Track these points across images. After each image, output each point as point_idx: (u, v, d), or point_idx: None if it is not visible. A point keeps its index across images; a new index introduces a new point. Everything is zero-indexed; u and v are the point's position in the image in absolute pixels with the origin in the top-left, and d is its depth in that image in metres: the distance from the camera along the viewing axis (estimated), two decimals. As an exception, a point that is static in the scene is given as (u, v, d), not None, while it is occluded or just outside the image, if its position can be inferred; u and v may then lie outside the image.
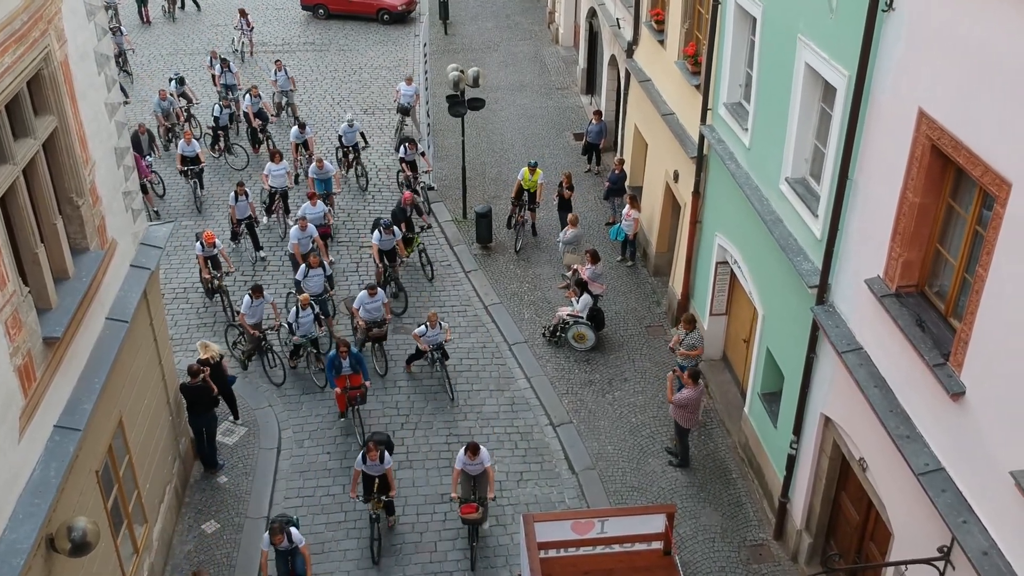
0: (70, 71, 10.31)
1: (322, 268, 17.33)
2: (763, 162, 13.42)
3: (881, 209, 9.97)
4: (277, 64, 25.82)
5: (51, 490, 9.06)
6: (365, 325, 16.59)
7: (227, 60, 26.31)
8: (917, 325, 9.43)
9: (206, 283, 18.39)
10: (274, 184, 20.65)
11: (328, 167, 20.73)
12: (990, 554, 8.19)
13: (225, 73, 25.99)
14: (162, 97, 24.02)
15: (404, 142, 21.60)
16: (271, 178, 20.67)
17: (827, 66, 11.02)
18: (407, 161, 21.48)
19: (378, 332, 16.75)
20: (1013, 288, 7.84)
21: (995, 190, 7.97)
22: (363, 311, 16.56)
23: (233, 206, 19.52)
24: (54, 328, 9.57)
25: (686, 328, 15.32)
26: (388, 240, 18.30)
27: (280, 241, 20.77)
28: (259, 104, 24.00)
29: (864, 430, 10.76)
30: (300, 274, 17.38)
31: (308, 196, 19.54)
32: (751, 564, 13.29)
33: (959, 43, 8.41)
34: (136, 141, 21.36)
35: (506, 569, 13.30)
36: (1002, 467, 8.00)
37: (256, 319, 16.55)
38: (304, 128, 22.49)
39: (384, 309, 16.71)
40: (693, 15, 16.67)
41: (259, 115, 24.00)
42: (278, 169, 20.69)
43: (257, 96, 23.89)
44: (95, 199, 10.99)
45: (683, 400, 14.14)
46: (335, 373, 15.11)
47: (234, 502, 14.28)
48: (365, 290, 16.49)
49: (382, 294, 16.66)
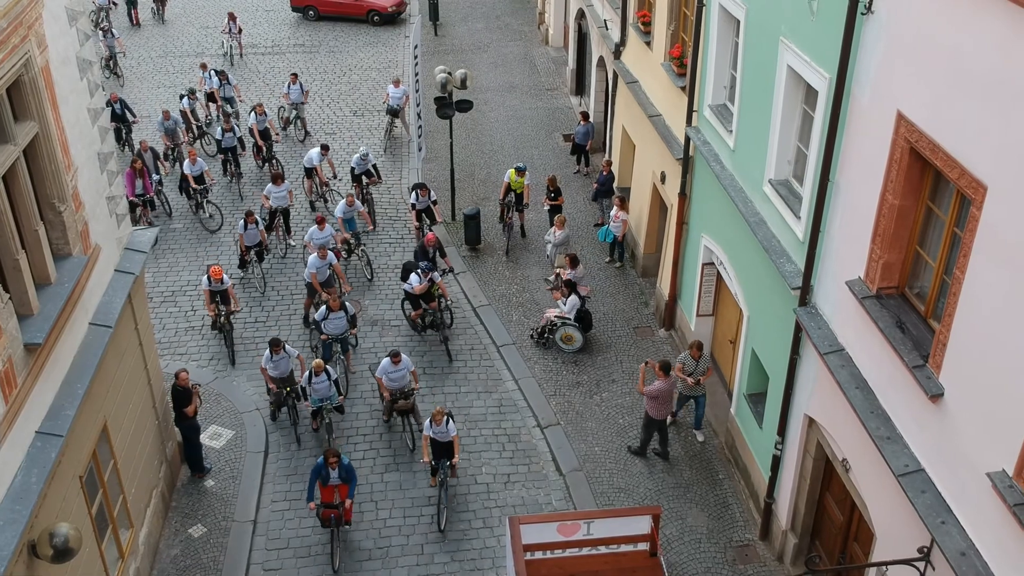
0: (51, 76, 10.29)
1: (343, 310, 16.21)
2: (747, 164, 13.46)
3: (861, 211, 10.01)
4: (292, 77, 24.99)
5: (33, 496, 9.04)
6: (389, 396, 15.06)
7: (225, 72, 25.62)
8: (897, 327, 9.48)
9: (213, 320, 17.48)
10: (274, 204, 19.98)
11: (358, 204, 19.73)
12: (968, 555, 8.24)
13: (224, 86, 25.24)
14: (165, 117, 23.01)
15: (416, 188, 20.17)
16: (272, 199, 19.96)
17: (808, 68, 11.05)
18: (419, 209, 20.12)
19: (404, 404, 15.06)
20: (989, 290, 7.89)
21: (971, 193, 8.02)
22: (386, 380, 14.99)
23: (242, 234, 18.71)
24: (35, 334, 9.56)
25: (695, 355, 14.71)
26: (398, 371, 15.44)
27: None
28: (264, 123, 23.15)
29: (846, 431, 10.80)
30: (319, 315, 16.28)
31: (317, 220, 18.50)
32: (737, 565, 13.33)
33: (936, 47, 8.46)
34: (139, 157, 21.01)
35: (493, 572, 13.32)
36: (979, 468, 8.05)
37: (280, 372, 15.27)
38: (326, 150, 21.52)
39: (411, 377, 15.14)
40: (679, 17, 16.71)
41: (263, 135, 23.15)
42: (279, 191, 19.98)
43: (263, 114, 23.02)
44: (78, 204, 10.98)
45: (655, 391, 14.25)
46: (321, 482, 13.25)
47: (221, 506, 14.27)
48: (388, 357, 14.89)
49: (407, 361, 15.04)
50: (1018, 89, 7.29)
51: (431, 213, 20.14)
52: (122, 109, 23.36)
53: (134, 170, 20.14)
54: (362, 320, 18.09)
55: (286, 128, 25.49)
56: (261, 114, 22.96)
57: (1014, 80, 7.33)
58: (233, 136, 22.61)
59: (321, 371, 14.70)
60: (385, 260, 20.29)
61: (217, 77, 25.20)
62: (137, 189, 20.20)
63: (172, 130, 23.16)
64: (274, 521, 14.04)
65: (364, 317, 18.32)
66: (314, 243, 18.16)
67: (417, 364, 17.00)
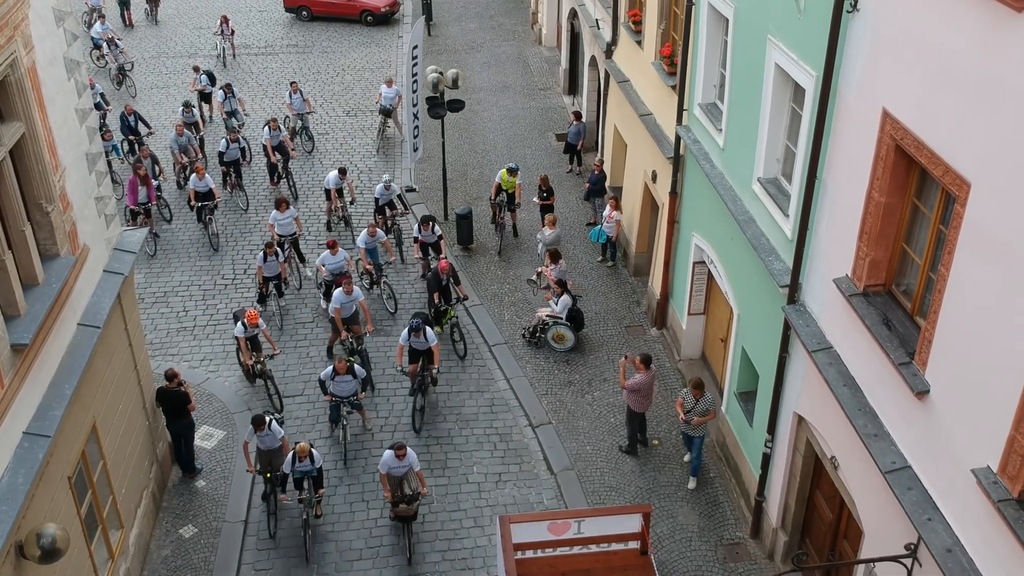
0: (38, 77, 10.29)
1: (351, 373, 14.62)
2: (736, 162, 13.48)
3: (848, 209, 10.03)
4: (292, 86, 24.51)
5: (20, 496, 9.04)
6: (391, 498, 13.30)
7: (230, 84, 24.77)
8: (884, 324, 9.50)
9: (246, 368, 16.26)
10: (281, 232, 18.88)
11: (380, 234, 18.59)
12: (954, 551, 8.25)
13: (228, 99, 24.37)
14: (179, 133, 22.37)
15: (421, 222, 18.88)
16: (277, 227, 18.88)
17: (796, 66, 11.07)
18: (427, 244, 18.91)
19: (405, 510, 13.20)
20: (973, 287, 7.90)
21: (955, 190, 8.04)
22: (390, 475, 13.43)
23: (261, 266, 17.63)
24: (22, 335, 9.56)
25: (695, 394, 13.85)
26: (420, 342, 15.31)
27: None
28: (279, 138, 22.24)
29: (835, 429, 10.82)
30: (325, 374, 14.73)
31: (328, 245, 17.54)
32: (728, 563, 13.35)
33: (921, 45, 8.48)
34: (138, 162, 20.69)
35: (483, 571, 13.33)
36: (964, 465, 8.07)
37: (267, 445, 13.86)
38: (344, 174, 20.42)
39: (418, 480, 13.38)
40: (669, 16, 16.73)
41: (279, 149, 22.25)
42: (284, 218, 18.89)
43: (277, 129, 22.16)
44: (65, 205, 10.97)
45: (635, 385, 14.29)
46: None
47: (212, 506, 14.26)
48: (391, 449, 13.26)
49: (413, 456, 13.31)
50: (1001, 87, 7.31)
51: (437, 248, 18.91)
52: (136, 121, 22.94)
53: (138, 177, 19.74)
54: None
55: (293, 139, 24.53)
56: (275, 129, 22.14)
57: (997, 78, 7.35)
58: (237, 148, 22.01)
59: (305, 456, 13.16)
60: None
61: (222, 91, 24.37)
62: (140, 197, 19.79)
63: (185, 146, 22.56)
64: (265, 521, 14.01)
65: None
66: (326, 268, 17.48)
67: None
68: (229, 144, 21.83)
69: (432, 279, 17.63)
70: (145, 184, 19.97)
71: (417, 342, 15.37)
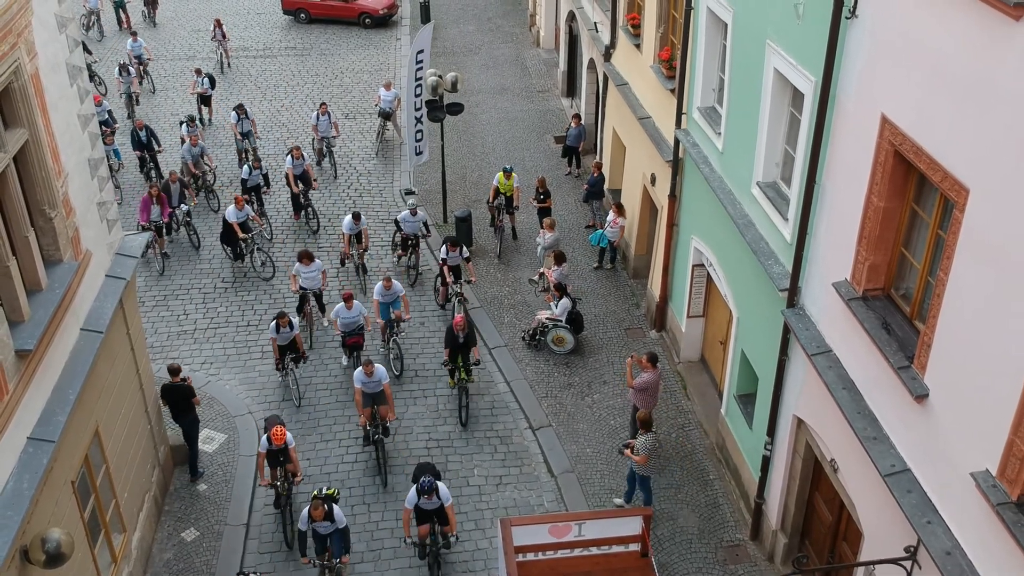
0: (41, 83, 10.33)
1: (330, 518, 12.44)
2: (735, 166, 13.54)
3: (847, 213, 10.09)
4: (322, 108, 23.56)
5: (24, 502, 9.08)
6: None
7: (242, 105, 23.79)
8: (883, 328, 9.56)
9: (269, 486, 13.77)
10: (306, 286, 17.63)
11: (397, 287, 16.94)
12: (953, 554, 8.32)
13: (242, 120, 23.46)
14: (193, 143, 21.91)
15: (446, 242, 18.20)
16: (302, 280, 17.54)
17: (795, 71, 11.14)
18: (450, 265, 18.24)
19: None
20: (972, 292, 7.97)
21: (954, 195, 8.10)
22: None
23: (274, 337, 16.03)
24: (26, 341, 9.59)
25: (643, 431, 13.46)
26: (431, 503, 12.82)
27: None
28: (302, 167, 21.03)
29: (834, 432, 10.88)
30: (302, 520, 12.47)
31: (344, 297, 16.40)
32: (728, 565, 13.41)
33: (919, 51, 8.54)
34: (167, 190, 20.16)
35: (485, 573, 13.38)
36: (963, 468, 8.14)
37: None
38: (359, 219, 19.08)
39: None
40: (668, 20, 16.79)
41: (302, 179, 21.05)
42: (309, 271, 17.48)
43: (300, 158, 20.98)
44: (68, 210, 11.01)
45: (642, 384, 14.35)
46: None
47: (214, 509, 14.31)
48: None
49: None
50: (999, 93, 7.38)
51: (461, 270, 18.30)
52: (147, 137, 22.53)
53: (150, 196, 19.42)
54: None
55: (320, 163, 23.84)
56: (298, 158, 20.94)
57: (995, 84, 7.42)
58: (259, 174, 21.08)
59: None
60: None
61: (235, 112, 23.47)
62: (152, 215, 19.42)
63: (198, 157, 22.07)
64: (267, 525, 14.07)
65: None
66: (340, 322, 16.43)
67: (411, 367, 17.11)
68: (252, 171, 20.96)
69: (447, 335, 16.06)
70: (159, 203, 19.56)
71: (428, 503, 12.79)
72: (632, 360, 14.93)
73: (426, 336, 18.11)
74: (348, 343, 16.66)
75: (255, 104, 27.79)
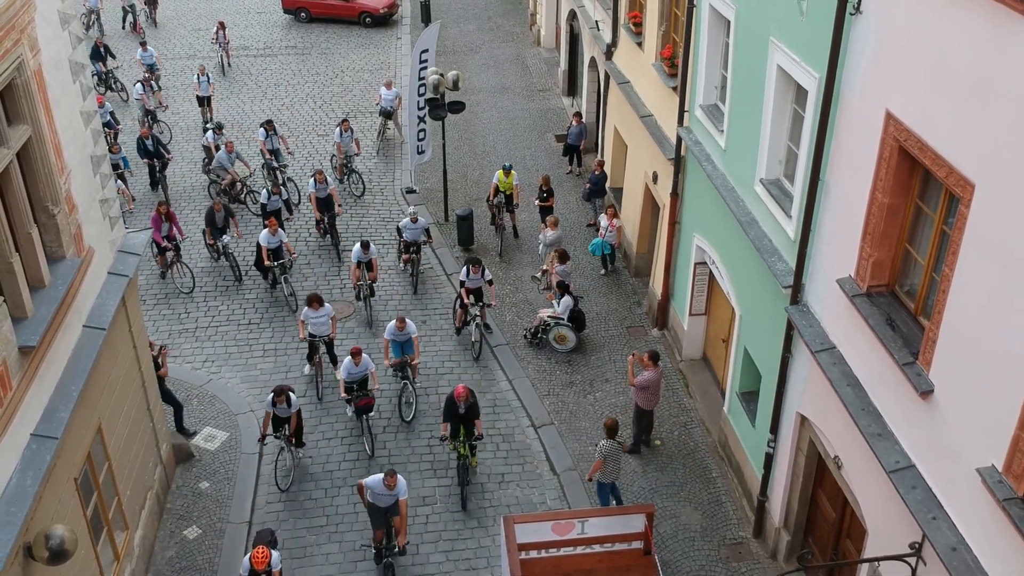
0: (44, 80, 10.31)
1: None
2: (738, 163, 13.53)
3: (852, 209, 10.08)
4: (344, 124, 22.80)
5: (28, 498, 9.06)
6: None
7: (271, 121, 22.91)
8: (887, 324, 9.55)
9: None
10: (314, 332, 16.32)
11: (410, 327, 15.78)
12: (959, 550, 8.30)
13: (270, 137, 22.50)
14: (228, 149, 21.35)
15: (468, 264, 17.41)
16: (310, 326, 16.24)
17: (798, 68, 11.13)
18: (470, 289, 17.49)
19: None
20: (977, 288, 7.96)
21: (959, 191, 8.09)
22: None
23: (270, 411, 14.43)
24: (30, 337, 9.57)
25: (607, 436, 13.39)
26: None
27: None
28: (326, 190, 20.11)
29: (838, 428, 10.87)
30: None
31: (352, 353, 14.99)
32: (731, 562, 13.39)
33: (923, 46, 8.53)
34: (210, 216, 19.24)
35: (488, 571, 13.37)
36: (969, 464, 8.12)
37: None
38: (368, 247, 18.07)
39: None
40: (670, 17, 16.78)
41: (325, 203, 20.15)
42: (317, 316, 16.13)
43: (324, 182, 20.04)
44: (71, 207, 11.00)
45: (644, 382, 14.36)
46: None
47: (216, 507, 14.29)
48: None
49: None
50: (1005, 87, 7.37)
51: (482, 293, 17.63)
52: (155, 145, 22.09)
53: (159, 214, 18.61)
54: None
55: (343, 181, 22.97)
56: (322, 182, 20.03)
57: (1000, 79, 7.41)
58: (279, 200, 20.18)
59: None
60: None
61: (263, 128, 22.54)
62: (163, 231, 18.69)
63: (234, 163, 21.50)
64: (269, 523, 14.03)
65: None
66: (345, 377, 15.02)
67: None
68: (271, 195, 20.07)
69: (446, 406, 14.35)
70: (169, 220, 18.77)
71: None
72: (634, 358, 14.92)
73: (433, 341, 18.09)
74: (360, 405, 14.96)
75: (255, 103, 27.80)
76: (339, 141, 22.84)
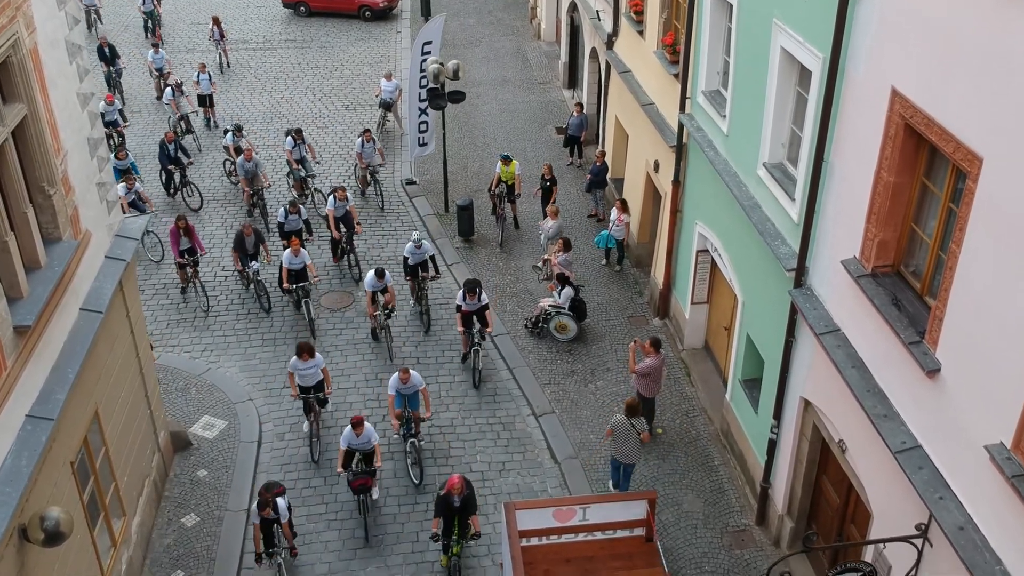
0: (40, 59, 10.21)
1: None
2: (741, 148, 13.43)
3: (856, 190, 9.97)
4: (366, 135, 21.70)
5: (23, 479, 8.96)
6: None
7: (300, 130, 21.80)
8: (893, 304, 9.44)
9: None
10: (303, 384, 14.81)
11: (416, 379, 14.36)
12: (966, 529, 8.20)
13: (299, 146, 21.45)
14: (247, 158, 20.38)
15: (465, 290, 16.31)
16: (298, 378, 14.70)
17: (802, 49, 11.03)
18: (466, 312, 16.46)
19: None
20: (985, 263, 7.86)
21: (967, 166, 7.99)
22: None
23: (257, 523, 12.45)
24: (25, 317, 9.47)
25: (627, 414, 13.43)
26: None
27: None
28: (345, 208, 19.10)
29: (843, 411, 10.77)
30: None
31: (353, 423, 13.40)
32: (733, 550, 13.29)
33: (929, 22, 8.43)
34: (240, 241, 17.95)
35: (488, 558, 13.26)
36: (977, 442, 8.02)
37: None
38: (382, 276, 16.93)
39: None
40: (671, 4, 16.68)
41: (344, 221, 19.15)
42: (306, 368, 14.60)
43: (344, 199, 19.08)
44: (68, 189, 10.89)
45: (645, 369, 14.27)
46: None
47: (214, 495, 14.18)
48: None
49: None
50: (1010, 59, 7.26)
51: (483, 319, 16.49)
52: (176, 151, 21.47)
53: (178, 228, 17.77)
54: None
55: (364, 192, 22.26)
56: (342, 199, 19.03)
57: (1006, 51, 7.31)
58: (299, 219, 18.79)
59: None
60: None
61: (291, 137, 21.56)
62: (182, 245, 17.94)
63: (254, 172, 20.63)
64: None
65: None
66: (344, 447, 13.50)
67: (412, 354, 16.96)
68: (288, 215, 18.72)
69: (438, 502, 12.52)
70: (188, 234, 17.96)
71: None
72: (635, 345, 14.81)
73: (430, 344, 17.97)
74: (354, 486, 13.37)
75: (255, 96, 27.69)
76: (360, 151, 21.79)
